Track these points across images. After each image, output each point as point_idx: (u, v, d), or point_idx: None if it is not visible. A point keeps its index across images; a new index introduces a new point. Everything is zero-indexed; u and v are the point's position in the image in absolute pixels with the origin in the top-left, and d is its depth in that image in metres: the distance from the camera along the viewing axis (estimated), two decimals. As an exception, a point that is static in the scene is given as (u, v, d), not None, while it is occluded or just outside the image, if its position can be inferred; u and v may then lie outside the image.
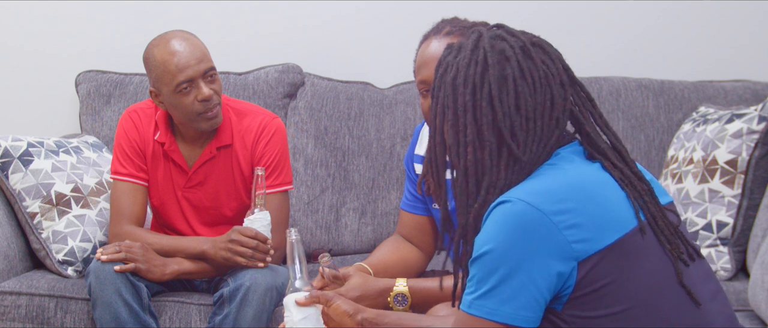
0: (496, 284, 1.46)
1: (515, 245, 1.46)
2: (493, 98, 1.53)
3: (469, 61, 1.56)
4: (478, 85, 1.54)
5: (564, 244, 1.46)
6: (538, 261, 1.46)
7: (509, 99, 1.53)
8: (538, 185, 1.51)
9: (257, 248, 2.44)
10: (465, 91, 1.54)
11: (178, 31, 2.55)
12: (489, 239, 1.48)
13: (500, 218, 1.48)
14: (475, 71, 1.55)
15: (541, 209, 1.46)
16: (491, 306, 1.47)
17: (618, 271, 1.48)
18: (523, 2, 3.30)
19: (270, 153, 2.62)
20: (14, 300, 2.60)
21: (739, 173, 2.67)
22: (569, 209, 1.48)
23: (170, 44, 2.50)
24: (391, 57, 3.24)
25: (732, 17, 3.32)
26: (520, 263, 1.46)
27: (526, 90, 1.54)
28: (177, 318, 2.55)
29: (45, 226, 2.73)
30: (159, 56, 2.50)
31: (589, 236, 1.47)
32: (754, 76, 3.23)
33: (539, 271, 1.46)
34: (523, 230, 1.46)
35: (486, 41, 1.57)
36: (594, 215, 1.49)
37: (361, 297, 2.01)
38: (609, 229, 1.49)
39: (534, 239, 1.46)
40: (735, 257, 2.66)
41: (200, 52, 2.52)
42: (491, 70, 1.54)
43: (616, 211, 1.52)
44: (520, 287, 1.46)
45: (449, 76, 1.57)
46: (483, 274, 1.48)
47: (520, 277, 1.46)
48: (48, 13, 3.31)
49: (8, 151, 2.74)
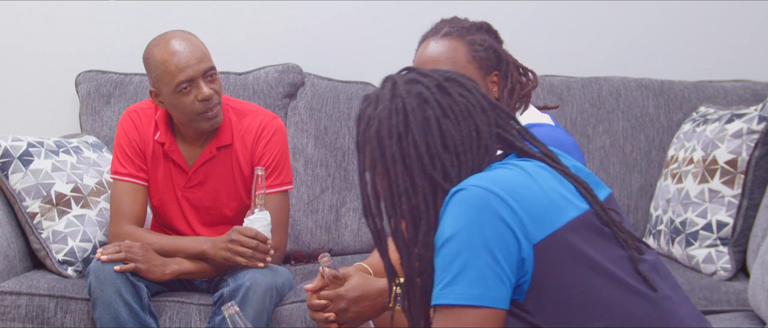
0: (460, 268, 1.48)
1: (474, 227, 1.48)
2: (419, 144, 1.55)
3: (390, 111, 1.57)
4: (403, 133, 1.56)
5: (520, 224, 1.49)
6: (499, 240, 1.48)
7: (435, 140, 1.56)
8: (487, 174, 1.54)
9: (257, 248, 2.45)
10: (391, 143, 1.56)
11: (178, 31, 2.56)
12: (447, 226, 1.50)
13: (456, 205, 1.50)
14: (397, 120, 1.57)
15: (495, 191, 1.49)
16: (459, 291, 1.48)
17: (571, 255, 1.50)
18: (523, 2, 3.30)
19: (270, 153, 2.62)
20: (14, 300, 2.60)
21: (739, 173, 2.67)
22: (521, 194, 1.51)
23: (170, 44, 2.50)
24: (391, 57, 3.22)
25: (732, 17, 3.32)
26: (481, 244, 1.47)
27: (450, 127, 1.56)
28: (177, 318, 2.55)
29: (45, 226, 2.73)
30: (159, 56, 2.50)
31: (541, 219, 1.50)
32: (754, 76, 3.24)
33: (501, 250, 1.48)
34: (480, 211, 1.48)
35: (401, 88, 1.59)
36: (544, 200, 1.52)
37: (361, 297, 2.01)
38: (557, 213, 1.52)
39: (492, 218, 1.48)
40: (735, 257, 2.66)
41: (200, 51, 2.52)
42: (412, 116, 1.56)
43: (565, 197, 1.55)
44: (485, 268, 1.47)
45: (372, 130, 1.58)
46: (446, 262, 1.49)
47: (483, 257, 1.47)
48: (48, 13, 3.31)
49: (8, 151, 2.74)
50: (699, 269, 2.71)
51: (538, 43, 3.27)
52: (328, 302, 2.02)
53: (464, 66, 2.13)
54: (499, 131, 1.63)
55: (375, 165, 1.58)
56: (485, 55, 2.14)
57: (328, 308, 2.02)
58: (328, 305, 2.02)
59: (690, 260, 2.73)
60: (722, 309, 2.58)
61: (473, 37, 2.14)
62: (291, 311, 2.54)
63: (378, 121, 1.58)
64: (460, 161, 1.56)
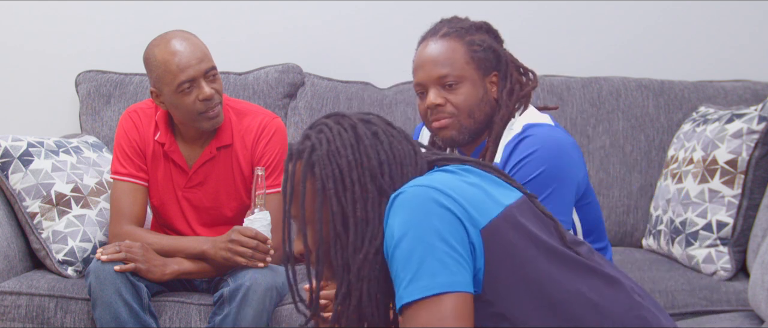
0: (419, 263, 1.50)
1: (422, 221, 1.51)
2: (371, 151, 1.62)
3: (339, 129, 1.65)
4: (355, 143, 1.63)
5: (463, 211, 1.53)
6: (448, 227, 1.51)
7: (384, 148, 1.63)
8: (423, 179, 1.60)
9: (257, 248, 2.45)
10: (346, 152, 1.61)
11: (179, 31, 2.56)
12: (396, 229, 1.53)
13: (400, 207, 1.54)
14: (348, 135, 1.64)
15: (434, 186, 1.55)
16: (424, 284, 1.50)
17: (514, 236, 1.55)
18: (523, 2, 3.30)
19: (270, 153, 2.63)
20: (14, 300, 2.60)
21: (739, 173, 2.67)
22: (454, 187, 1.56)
23: (171, 44, 2.50)
24: (391, 57, 3.24)
25: (732, 17, 3.32)
26: (433, 234, 1.51)
27: (394, 140, 1.65)
28: (177, 318, 2.55)
29: (45, 226, 2.73)
30: (160, 56, 2.50)
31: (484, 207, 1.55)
32: (754, 76, 3.24)
33: (453, 235, 1.51)
34: (424, 206, 1.52)
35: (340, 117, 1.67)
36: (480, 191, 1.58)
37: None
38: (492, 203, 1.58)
39: (436, 209, 1.52)
40: (735, 257, 2.66)
41: (201, 51, 2.52)
42: (361, 128, 1.64)
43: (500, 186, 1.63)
44: (443, 255, 1.50)
45: (322, 150, 1.63)
46: (403, 262, 1.52)
47: (438, 246, 1.50)
48: (48, 13, 3.31)
49: (8, 151, 2.74)
50: (699, 269, 2.71)
51: (538, 43, 3.27)
52: (328, 302, 2.02)
53: (462, 67, 2.13)
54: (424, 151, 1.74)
55: (325, 185, 1.61)
56: (484, 56, 2.13)
57: (328, 308, 2.02)
58: (328, 305, 2.02)
59: (690, 260, 2.73)
60: (722, 309, 2.58)
61: (472, 38, 2.14)
62: (291, 311, 2.54)
63: (327, 141, 1.63)
64: (403, 172, 1.63)
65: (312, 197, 1.63)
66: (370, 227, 1.60)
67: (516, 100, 2.18)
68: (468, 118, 2.13)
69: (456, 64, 2.12)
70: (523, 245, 1.55)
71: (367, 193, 1.60)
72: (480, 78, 2.14)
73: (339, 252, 1.61)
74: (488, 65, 2.14)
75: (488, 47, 2.14)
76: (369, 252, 1.59)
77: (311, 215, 1.64)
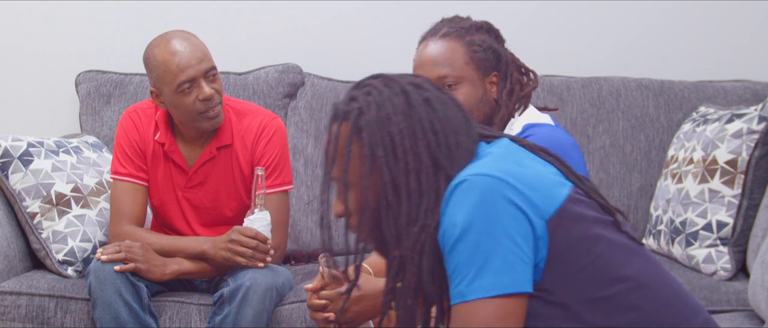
0: (485, 258, 1.46)
1: (488, 214, 1.46)
2: (424, 120, 1.55)
3: (389, 94, 1.57)
4: (407, 110, 1.55)
5: (529, 203, 1.48)
6: (514, 223, 1.46)
7: (439, 116, 1.56)
8: (481, 163, 1.54)
9: (257, 248, 2.45)
10: (398, 119, 1.54)
11: (179, 31, 2.56)
12: (459, 220, 1.47)
13: (463, 196, 1.48)
14: (400, 100, 1.56)
15: (498, 176, 1.48)
16: (489, 282, 1.45)
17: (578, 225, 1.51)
18: (523, 2, 3.30)
19: (270, 153, 2.62)
20: (14, 300, 2.60)
21: (739, 173, 2.67)
22: (519, 173, 1.50)
23: (171, 44, 2.50)
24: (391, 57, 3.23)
25: (732, 17, 3.32)
26: (500, 230, 1.46)
27: (447, 107, 1.58)
28: (177, 318, 2.55)
29: (45, 226, 2.73)
30: (160, 56, 2.50)
31: (547, 194, 1.50)
32: (754, 76, 3.24)
33: (519, 232, 1.46)
34: (491, 197, 1.47)
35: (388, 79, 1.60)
36: (540, 176, 1.53)
37: (361, 297, 2.00)
38: (557, 186, 1.53)
39: (502, 203, 1.46)
40: (735, 257, 2.66)
41: (201, 51, 2.52)
42: (414, 96, 1.56)
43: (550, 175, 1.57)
44: (508, 254, 1.46)
45: (371, 115, 1.56)
46: (467, 255, 1.47)
47: (505, 243, 1.46)
48: (48, 13, 3.31)
49: (8, 151, 2.74)
50: (699, 269, 2.71)
51: (538, 43, 3.27)
52: (328, 302, 2.02)
53: (461, 67, 2.13)
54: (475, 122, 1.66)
55: (375, 149, 1.54)
56: (484, 56, 2.13)
57: (328, 308, 2.02)
58: (328, 305, 2.02)
59: (690, 260, 2.73)
60: (722, 309, 2.58)
61: (472, 38, 2.14)
62: (291, 311, 2.54)
63: (377, 106, 1.56)
64: (459, 141, 1.56)
65: (357, 161, 1.57)
66: (424, 199, 1.53)
67: (516, 100, 2.18)
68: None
69: (455, 64, 2.12)
70: (585, 234, 1.51)
71: (421, 164, 1.53)
72: (479, 78, 2.14)
73: (390, 222, 1.55)
74: (488, 65, 2.14)
75: (488, 47, 2.14)
76: (426, 225, 1.52)
77: (356, 180, 1.57)
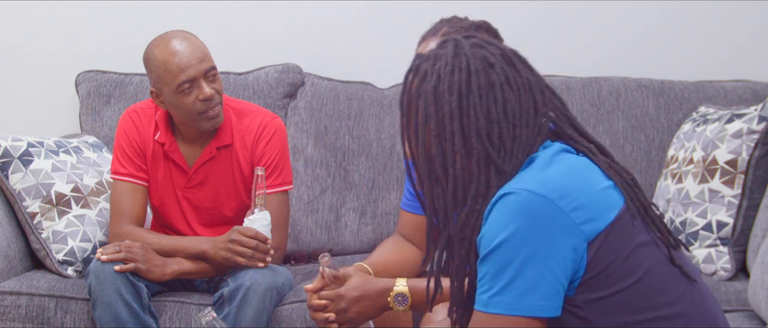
0: (512, 277, 1.45)
1: (526, 234, 1.45)
2: (480, 106, 1.52)
3: (452, 68, 1.54)
4: (464, 91, 1.53)
5: (572, 226, 1.46)
6: (551, 247, 1.45)
7: (497, 106, 1.52)
8: (534, 175, 1.51)
9: (257, 248, 2.45)
10: (451, 99, 1.52)
11: (179, 31, 2.56)
12: (498, 232, 1.46)
13: (506, 210, 1.47)
14: (459, 78, 1.53)
15: (545, 195, 1.46)
16: (510, 301, 1.45)
17: (620, 248, 1.49)
18: (523, 2, 3.30)
19: (270, 153, 2.62)
20: (14, 300, 2.60)
21: (739, 173, 2.67)
22: (569, 192, 1.47)
23: (171, 44, 2.50)
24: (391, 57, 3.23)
25: (732, 17, 3.32)
26: (534, 252, 1.44)
27: (512, 96, 1.53)
28: (177, 318, 2.55)
29: (45, 226, 2.73)
30: (160, 56, 2.50)
31: (593, 216, 1.48)
32: (754, 76, 3.24)
33: (553, 257, 1.45)
34: (532, 218, 1.45)
35: (466, 49, 1.56)
36: (592, 195, 1.50)
37: (362, 297, 2.01)
38: (607, 207, 1.50)
39: (544, 224, 1.45)
40: (735, 257, 2.66)
41: (201, 51, 2.52)
42: (476, 77, 1.53)
43: (608, 191, 1.53)
44: (538, 277, 1.44)
45: (430, 84, 1.55)
46: (497, 269, 1.46)
47: (535, 266, 1.44)
48: (48, 13, 3.31)
49: (8, 151, 2.74)
50: (699, 269, 2.71)
51: (538, 43, 3.27)
52: (328, 302, 2.02)
53: None
54: (553, 114, 1.60)
55: (428, 121, 1.54)
56: None
57: (329, 308, 2.02)
58: (328, 305, 2.02)
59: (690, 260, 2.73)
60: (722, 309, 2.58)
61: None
62: (291, 311, 2.54)
63: (437, 76, 1.54)
64: (516, 135, 1.53)
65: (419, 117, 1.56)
66: (473, 184, 1.51)
67: None
68: None
69: None
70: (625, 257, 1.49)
71: (471, 148, 1.51)
72: None
73: (439, 195, 1.54)
74: None
75: None
76: (474, 210, 1.51)
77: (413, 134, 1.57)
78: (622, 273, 1.49)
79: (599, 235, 1.47)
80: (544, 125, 1.57)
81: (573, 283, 1.49)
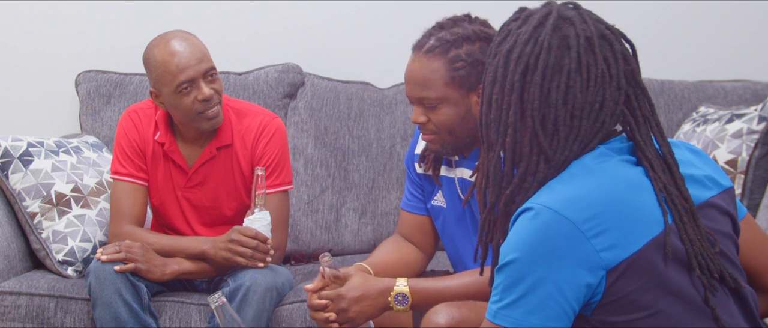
0: (522, 294, 1.43)
1: (541, 255, 1.42)
2: (542, 85, 1.47)
3: (529, 37, 1.49)
4: (531, 66, 1.48)
5: (592, 253, 1.41)
6: (566, 272, 1.41)
7: (559, 90, 1.47)
8: (565, 190, 1.45)
9: (257, 248, 2.44)
10: (516, 69, 1.48)
11: (178, 32, 2.55)
12: (514, 247, 1.44)
13: (525, 227, 1.44)
14: (532, 51, 1.48)
15: (568, 217, 1.41)
16: (517, 316, 1.43)
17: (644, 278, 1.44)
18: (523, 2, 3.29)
19: (270, 153, 2.62)
20: (14, 300, 2.60)
21: (739, 172, 2.67)
22: (597, 214, 1.42)
23: (170, 44, 2.50)
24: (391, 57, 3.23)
25: (732, 17, 3.32)
26: (546, 274, 1.42)
27: (578, 85, 1.47)
28: (177, 318, 2.55)
29: (45, 226, 2.73)
30: (159, 57, 2.50)
31: (618, 242, 1.42)
32: (754, 76, 3.23)
33: (566, 281, 1.42)
34: (550, 240, 1.41)
35: (552, 21, 1.50)
36: (622, 218, 1.43)
37: (362, 297, 2.01)
38: (637, 233, 1.44)
39: (561, 249, 1.41)
40: (735, 257, 2.66)
41: (200, 52, 2.52)
42: (546, 55, 1.48)
43: (647, 213, 1.45)
44: (547, 298, 1.42)
45: (506, 47, 1.51)
46: (509, 283, 1.44)
47: (546, 287, 1.42)
48: (48, 13, 3.31)
49: (8, 151, 2.74)
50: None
51: (538, 43, 3.27)
52: (329, 301, 2.02)
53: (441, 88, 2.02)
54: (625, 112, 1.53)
55: (495, 82, 1.51)
56: (466, 73, 2.02)
57: (329, 307, 2.02)
58: (328, 304, 2.02)
59: (690, 260, 2.73)
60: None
61: (457, 52, 2.03)
62: (291, 311, 2.54)
63: (514, 41, 1.50)
64: (573, 125, 1.48)
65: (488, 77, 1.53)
66: (523, 162, 1.49)
67: None
68: (449, 135, 2.10)
69: (434, 85, 2.05)
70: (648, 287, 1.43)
71: (526, 125, 1.48)
72: (462, 96, 2.05)
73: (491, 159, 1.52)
74: (472, 81, 2.05)
75: (474, 61, 2.04)
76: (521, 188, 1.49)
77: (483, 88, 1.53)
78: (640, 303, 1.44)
79: (621, 263, 1.42)
80: (607, 123, 1.50)
81: (591, 305, 1.46)
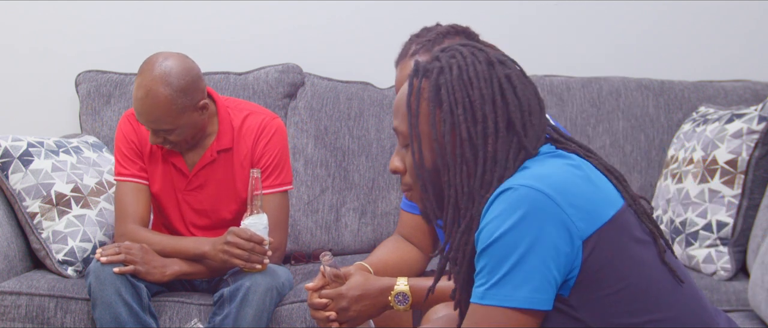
0: (508, 269, 1.48)
1: (524, 228, 1.48)
2: (505, 91, 1.57)
3: (474, 59, 1.60)
4: (488, 79, 1.58)
5: (569, 223, 1.48)
6: (548, 241, 1.47)
7: (517, 93, 1.58)
8: (534, 172, 1.54)
9: (253, 249, 2.43)
10: (480, 84, 1.57)
11: (157, 73, 2.44)
12: (497, 226, 1.49)
13: (506, 204, 1.50)
14: (482, 68, 1.59)
15: (544, 190, 1.49)
16: (505, 293, 1.48)
17: (615, 249, 1.51)
18: (524, 2, 3.30)
19: (270, 153, 2.62)
20: (14, 300, 2.60)
21: (739, 172, 2.67)
22: (567, 190, 1.51)
23: (137, 89, 2.46)
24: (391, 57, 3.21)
25: (732, 17, 3.32)
26: (530, 246, 1.47)
27: (524, 88, 1.59)
28: (177, 318, 2.55)
29: (45, 226, 2.73)
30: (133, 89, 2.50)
31: (589, 215, 1.50)
32: (754, 76, 3.24)
33: (549, 251, 1.47)
34: (531, 211, 1.48)
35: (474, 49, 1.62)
36: (590, 194, 1.53)
37: (362, 296, 2.01)
38: (604, 207, 1.53)
39: (541, 219, 1.48)
40: (735, 257, 2.66)
41: (154, 114, 2.46)
42: (497, 68, 1.59)
43: (606, 191, 1.57)
44: (533, 270, 1.47)
45: (452, 75, 1.59)
46: (494, 262, 1.49)
47: (531, 259, 1.47)
48: (48, 13, 3.31)
49: (8, 151, 2.74)
50: (699, 269, 2.71)
51: (538, 43, 3.27)
52: (329, 300, 2.02)
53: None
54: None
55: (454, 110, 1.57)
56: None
57: (329, 306, 2.02)
58: (328, 303, 2.02)
59: (690, 260, 2.73)
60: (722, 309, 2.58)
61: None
62: (291, 311, 2.54)
63: (458, 67, 1.59)
64: (533, 122, 1.58)
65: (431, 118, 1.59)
66: (498, 167, 1.56)
67: None
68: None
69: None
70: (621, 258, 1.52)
71: (498, 132, 1.56)
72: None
73: (464, 181, 1.57)
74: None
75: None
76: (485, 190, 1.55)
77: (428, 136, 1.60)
78: (617, 274, 1.51)
79: (594, 233, 1.50)
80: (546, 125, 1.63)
81: (568, 282, 1.51)
